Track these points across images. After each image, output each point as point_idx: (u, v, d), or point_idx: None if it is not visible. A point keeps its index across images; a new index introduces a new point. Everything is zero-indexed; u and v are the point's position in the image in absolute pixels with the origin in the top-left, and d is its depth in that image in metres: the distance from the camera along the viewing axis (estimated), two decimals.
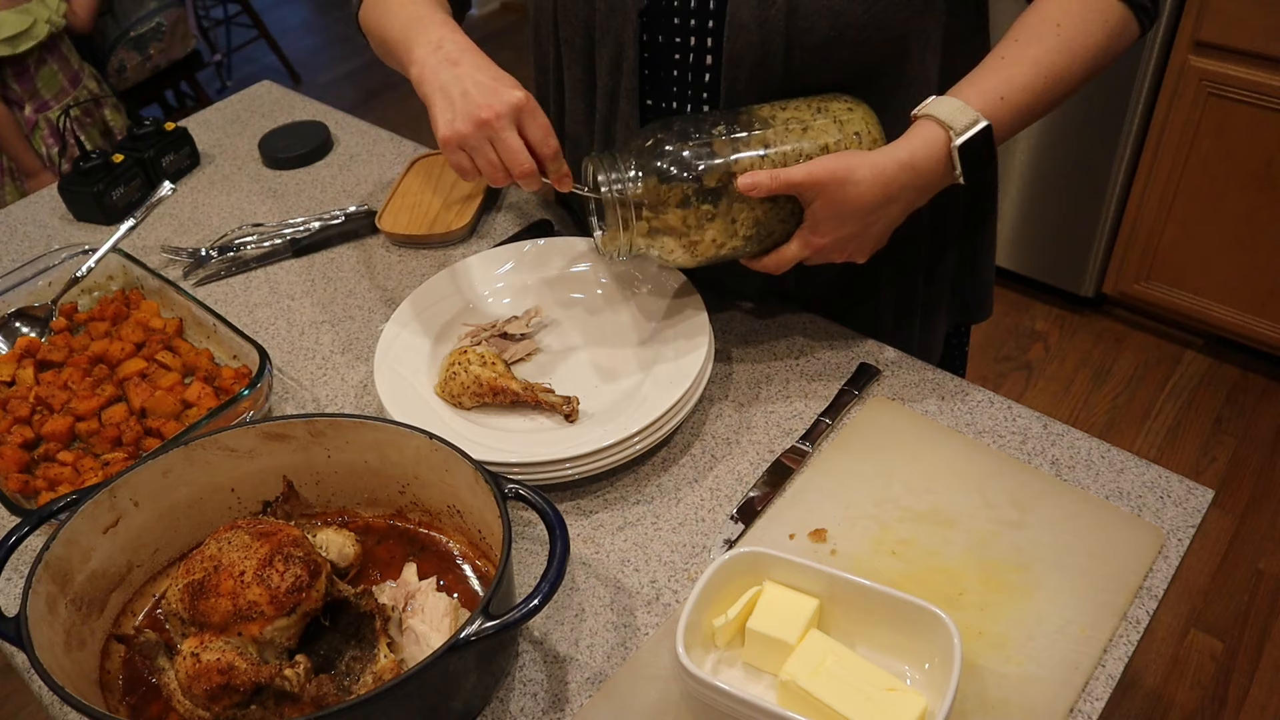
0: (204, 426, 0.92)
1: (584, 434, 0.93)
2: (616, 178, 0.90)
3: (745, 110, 0.93)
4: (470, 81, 0.89)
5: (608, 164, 0.91)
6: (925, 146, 0.87)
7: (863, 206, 0.87)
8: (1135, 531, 0.86)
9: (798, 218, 0.92)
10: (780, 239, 0.93)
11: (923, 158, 0.87)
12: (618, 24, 0.97)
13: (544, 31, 1.07)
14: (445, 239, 1.25)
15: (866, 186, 0.86)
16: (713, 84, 0.98)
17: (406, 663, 0.74)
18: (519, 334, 1.05)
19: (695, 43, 0.96)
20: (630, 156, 0.91)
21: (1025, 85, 0.88)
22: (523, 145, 0.89)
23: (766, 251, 0.94)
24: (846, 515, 0.88)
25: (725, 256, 0.94)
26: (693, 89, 0.99)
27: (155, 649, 0.73)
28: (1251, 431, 2.31)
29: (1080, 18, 0.89)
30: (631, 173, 0.90)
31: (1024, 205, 2.52)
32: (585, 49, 1.02)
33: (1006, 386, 2.45)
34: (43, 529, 0.81)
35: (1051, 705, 0.74)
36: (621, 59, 0.98)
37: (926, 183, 0.88)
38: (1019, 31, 0.91)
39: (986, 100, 0.87)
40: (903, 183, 0.87)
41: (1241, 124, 2.10)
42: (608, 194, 0.90)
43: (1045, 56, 0.88)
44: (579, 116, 1.08)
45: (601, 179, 0.90)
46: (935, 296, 1.16)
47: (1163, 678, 1.87)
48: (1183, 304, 2.40)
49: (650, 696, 0.76)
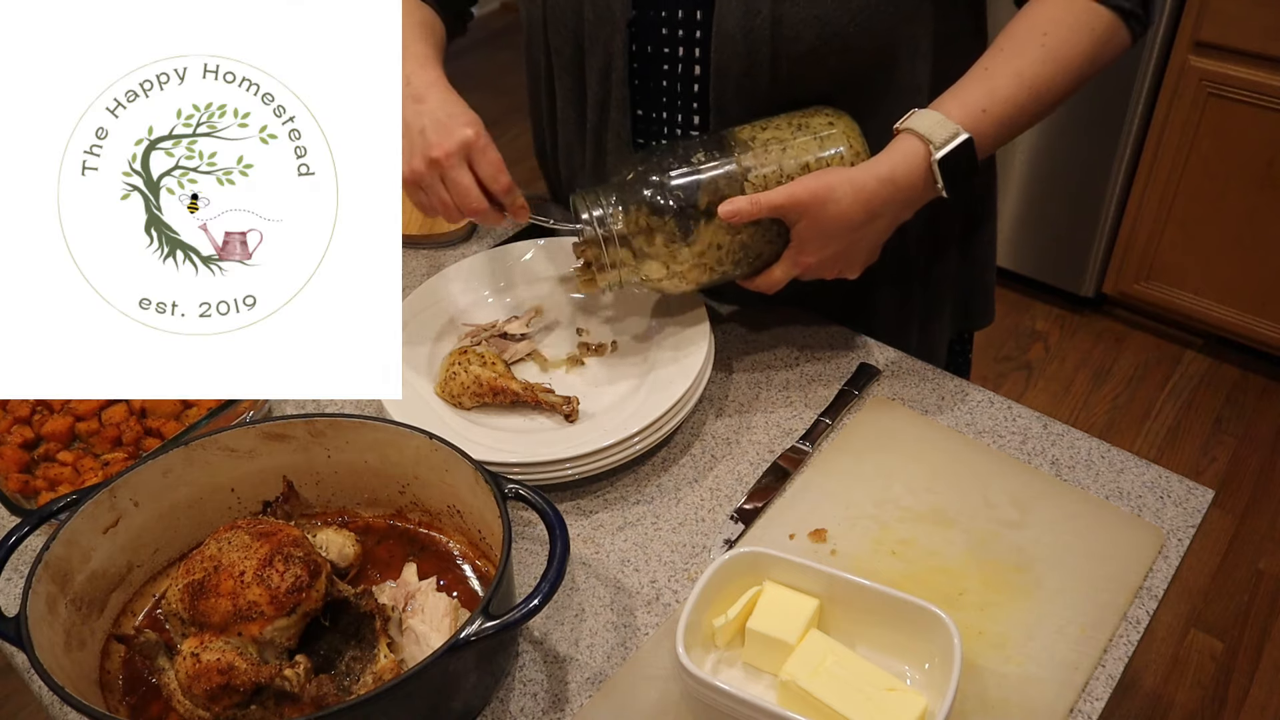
0: (204, 426, 0.92)
1: (584, 434, 0.93)
2: (600, 214, 0.90)
3: (726, 133, 0.93)
4: (429, 119, 0.90)
5: (590, 200, 0.91)
6: (906, 161, 0.86)
7: (846, 224, 0.87)
8: (1135, 531, 0.86)
9: (785, 238, 0.92)
10: (769, 259, 0.94)
11: (903, 173, 0.86)
12: (606, 34, 0.97)
13: (534, 40, 1.07)
14: (445, 239, 1.25)
15: (848, 204, 0.86)
16: (702, 94, 0.98)
17: (406, 663, 0.74)
18: (519, 334, 1.05)
19: (683, 53, 0.96)
20: (613, 191, 0.91)
21: (1008, 98, 0.87)
22: (472, 183, 0.90)
23: (757, 272, 0.94)
24: (846, 515, 0.88)
25: (714, 282, 0.95)
26: (682, 99, 0.99)
27: (155, 649, 0.73)
28: (1251, 431, 2.31)
29: (1067, 27, 0.88)
30: (613, 208, 0.90)
31: (1024, 205, 2.52)
32: (575, 58, 1.02)
33: (1006, 386, 2.45)
34: (43, 529, 0.81)
35: (1051, 705, 0.74)
36: (610, 69, 0.98)
37: (908, 197, 0.88)
38: (1004, 41, 0.90)
39: (968, 113, 0.86)
40: (884, 198, 0.87)
41: (1241, 124, 2.10)
42: (591, 230, 0.91)
43: (1029, 68, 0.87)
44: (571, 125, 1.08)
45: (585, 215, 0.91)
46: (936, 302, 1.15)
47: (1163, 678, 1.87)
48: (1183, 304, 2.40)
49: (650, 696, 0.76)
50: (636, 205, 0.90)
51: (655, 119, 1.01)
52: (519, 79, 0.93)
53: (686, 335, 1.00)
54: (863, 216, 0.87)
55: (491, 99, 2.91)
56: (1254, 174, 2.14)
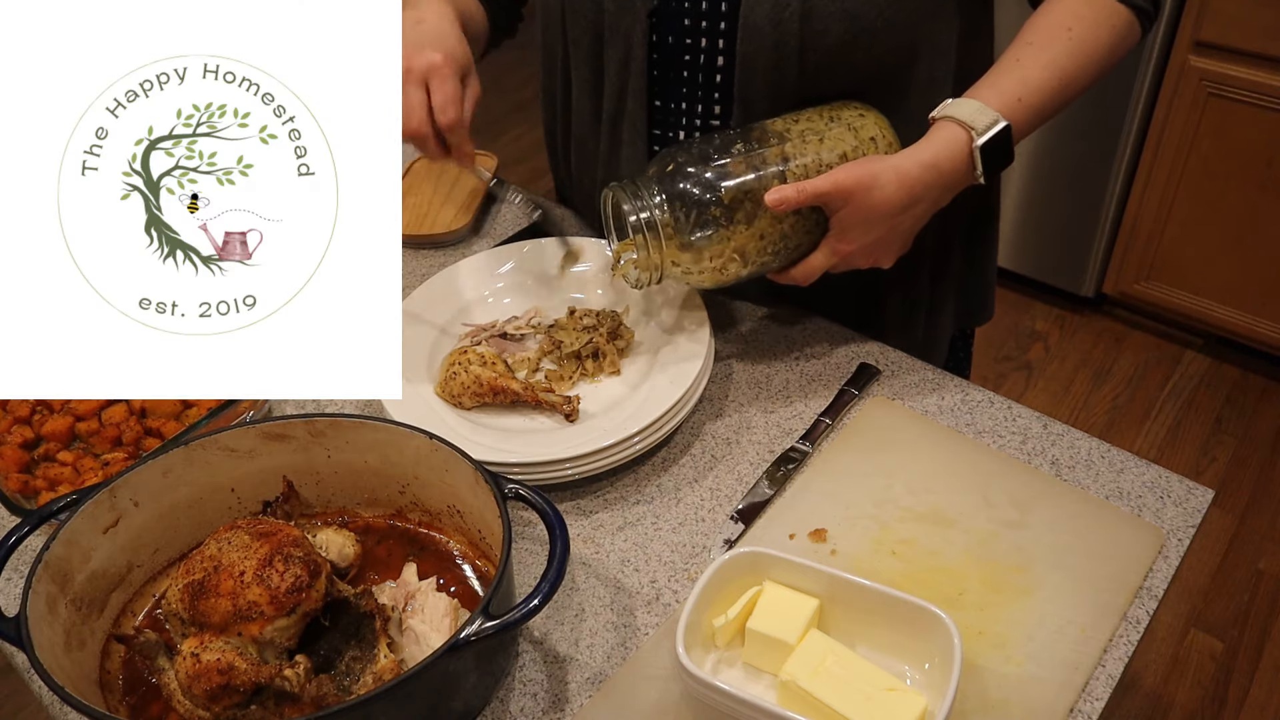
0: (204, 426, 0.92)
1: (584, 434, 0.93)
2: (643, 205, 0.90)
3: (758, 126, 0.93)
4: (409, 34, 0.90)
5: (631, 192, 0.90)
6: (948, 147, 0.87)
7: (888, 210, 0.87)
8: (1135, 531, 0.86)
9: (823, 228, 0.92)
10: (806, 250, 0.94)
11: (945, 158, 0.87)
12: (626, 24, 0.97)
13: (551, 30, 1.07)
14: (445, 239, 1.25)
15: (892, 189, 0.86)
16: (724, 85, 0.98)
17: (406, 663, 0.74)
18: (519, 334, 1.05)
19: (706, 44, 0.96)
20: (652, 183, 0.90)
21: (1040, 87, 0.89)
22: (421, 105, 0.90)
23: (794, 264, 0.94)
24: (846, 515, 0.88)
25: (753, 273, 0.95)
26: (703, 90, 0.99)
27: (155, 649, 0.73)
28: (1251, 431, 2.31)
29: (1090, 21, 0.90)
30: (657, 199, 0.89)
31: (1024, 205, 2.52)
32: (593, 48, 1.02)
33: (1006, 386, 2.45)
34: (43, 529, 0.81)
35: (1051, 705, 0.74)
36: (630, 59, 0.99)
37: (949, 183, 0.89)
38: (1031, 35, 0.91)
39: (1005, 101, 0.88)
40: (927, 183, 0.88)
41: (1241, 124, 2.10)
42: (635, 221, 0.90)
43: (1058, 60, 0.89)
44: (585, 115, 1.08)
45: (627, 207, 0.90)
46: (940, 298, 1.16)
47: (1163, 678, 1.87)
48: (1183, 304, 2.40)
49: (650, 696, 0.76)
50: (678, 197, 0.89)
51: (673, 110, 1.01)
52: (520, 78, 0.93)
53: (686, 335, 1.00)
54: (905, 201, 0.88)
55: (493, 99, 2.91)
56: (1254, 174, 2.14)
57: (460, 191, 1.31)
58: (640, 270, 0.94)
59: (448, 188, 1.32)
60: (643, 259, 0.92)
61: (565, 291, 1.11)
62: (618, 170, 1.07)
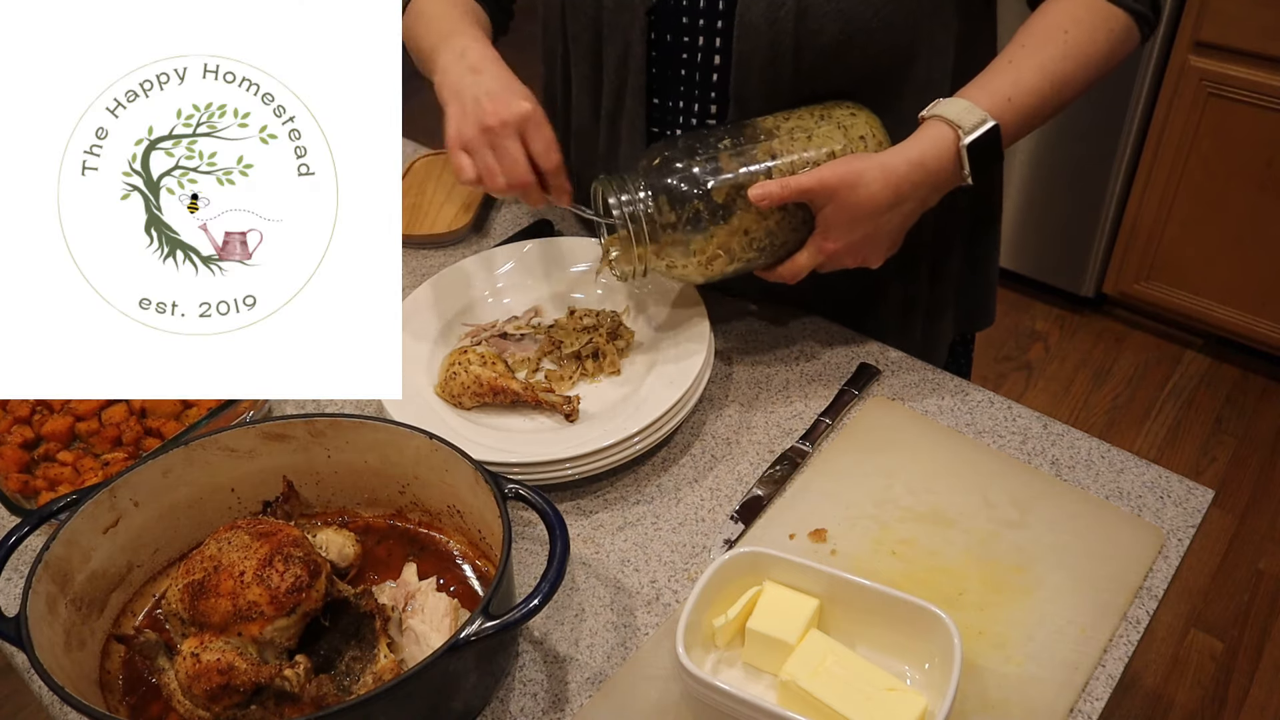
0: (204, 426, 0.92)
1: (584, 434, 0.93)
2: (628, 199, 0.90)
3: (749, 123, 0.93)
4: (483, 89, 0.91)
5: (618, 185, 0.91)
6: (934, 145, 0.87)
7: (874, 208, 0.87)
8: (1135, 531, 0.86)
9: (809, 226, 0.92)
10: (793, 248, 0.94)
11: (932, 156, 0.87)
12: (625, 22, 0.97)
13: (551, 27, 1.07)
14: (445, 239, 1.25)
15: (878, 187, 0.86)
16: (720, 83, 0.98)
17: (406, 663, 0.74)
18: (519, 334, 1.05)
19: (704, 42, 0.97)
20: (639, 177, 0.91)
21: (1032, 89, 0.89)
22: (523, 156, 0.91)
23: (780, 261, 0.94)
24: (846, 515, 0.88)
25: (738, 270, 0.95)
26: (700, 88, 0.99)
27: (155, 649, 0.73)
28: (1251, 431, 2.31)
29: (1087, 25, 0.90)
30: (642, 193, 0.90)
31: (1024, 205, 2.52)
32: (593, 45, 1.02)
33: (1006, 386, 2.45)
34: (43, 529, 0.81)
35: (1051, 705, 0.74)
36: (629, 56, 0.99)
37: (936, 182, 0.89)
38: (1026, 37, 0.91)
39: (994, 101, 0.88)
40: (914, 182, 0.87)
41: (1241, 124, 2.10)
42: (619, 214, 0.90)
43: (1052, 63, 0.89)
44: (585, 112, 1.08)
45: (613, 200, 0.90)
46: (939, 301, 1.15)
47: (1163, 678, 1.87)
48: (1183, 304, 2.40)
49: (650, 696, 0.76)
50: (664, 191, 0.89)
51: (671, 107, 1.02)
52: (521, 78, 0.93)
53: (686, 335, 1.00)
54: (891, 200, 0.87)
55: None
56: (1254, 174, 2.13)
57: (460, 191, 1.31)
58: (624, 263, 0.94)
59: (448, 188, 1.32)
60: (627, 252, 0.92)
61: (566, 291, 1.11)
62: (616, 167, 1.08)
